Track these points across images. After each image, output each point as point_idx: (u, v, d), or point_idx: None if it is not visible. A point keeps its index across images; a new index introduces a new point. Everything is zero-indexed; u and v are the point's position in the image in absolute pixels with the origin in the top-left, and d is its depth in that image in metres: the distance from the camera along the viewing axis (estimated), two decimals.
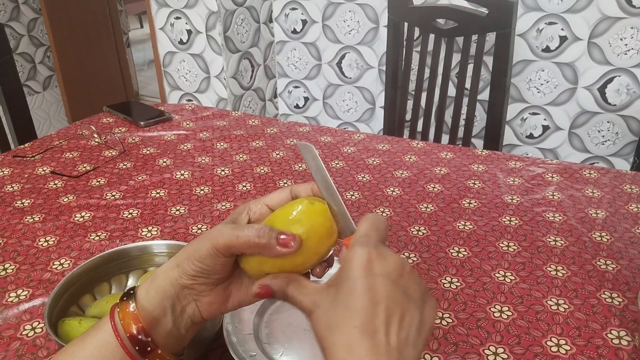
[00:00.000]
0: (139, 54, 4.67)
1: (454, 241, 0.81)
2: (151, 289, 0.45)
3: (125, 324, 0.43)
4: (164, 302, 0.44)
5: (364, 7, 2.13)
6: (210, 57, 2.14)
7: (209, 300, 0.45)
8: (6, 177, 1.01)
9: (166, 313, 0.44)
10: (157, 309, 0.44)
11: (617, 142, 1.95)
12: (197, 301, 0.45)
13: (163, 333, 0.44)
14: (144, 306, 0.44)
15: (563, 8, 1.82)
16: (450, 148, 1.12)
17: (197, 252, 0.43)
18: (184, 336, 0.46)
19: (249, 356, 0.59)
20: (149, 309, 0.44)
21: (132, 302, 0.44)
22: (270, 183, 0.99)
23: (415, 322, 0.39)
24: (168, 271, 0.45)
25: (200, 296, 0.45)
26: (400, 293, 0.38)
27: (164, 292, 0.44)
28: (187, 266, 0.44)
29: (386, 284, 0.38)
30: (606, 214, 0.88)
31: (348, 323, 0.37)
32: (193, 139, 1.18)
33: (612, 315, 0.66)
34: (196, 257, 0.43)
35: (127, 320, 0.43)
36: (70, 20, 2.90)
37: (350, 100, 2.34)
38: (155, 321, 0.44)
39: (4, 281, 0.73)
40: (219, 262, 0.43)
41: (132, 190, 0.97)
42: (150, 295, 0.44)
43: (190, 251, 0.44)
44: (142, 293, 0.45)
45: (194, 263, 0.43)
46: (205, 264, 0.43)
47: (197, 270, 0.44)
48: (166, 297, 0.44)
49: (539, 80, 1.96)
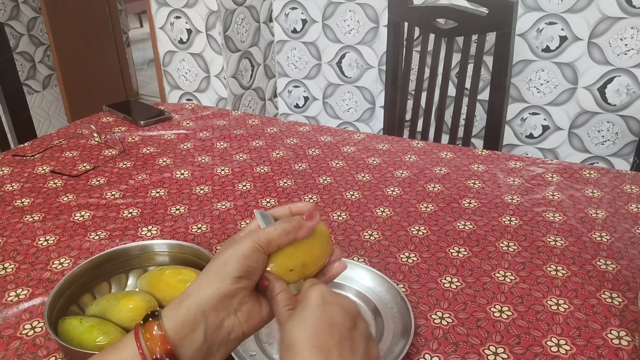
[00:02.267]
0: (138, 53, 4.67)
1: (454, 241, 0.81)
2: (181, 307, 0.44)
3: (151, 346, 0.42)
4: (197, 318, 0.43)
5: (364, 6, 2.13)
6: (210, 57, 2.14)
7: (248, 307, 0.46)
8: (6, 176, 1.01)
9: (196, 328, 0.43)
10: (187, 327, 0.43)
11: (617, 142, 1.95)
12: (238, 311, 0.45)
13: (189, 351, 0.43)
14: (171, 326, 0.43)
15: (563, 8, 1.82)
16: (450, 148, 1.12)
17: (240, 251, 0.45)
18: (215, 354, 0.45)
19: (249, 356, 0.59)
20: (176, 327, 0.43)
21: (157, 322, 0.43)
22: (270, 183, 0.99)
23: (363, 353, 0.43)
24: (202, 286, 0.44)
25: (242, 305, 0.45)
26: (352, 324, 0.44)
27: (198, 307, 0.43)
28: (230, 271, 0.44)
29: (341, 313, 0.43)
30: (606, 214, 0.88)
31: (306, 343, 0.41)
32: (193, 138, 1.18)
33: (612, 315, 0.66)
34: (239, 256, 0.45)
35: (154, 342, 0.42)
36: (70, 20, 2.90)
37: (350, 99, 2.34)
38: (183, 338, 0.43)
39: (4, 280, 0.73)
40: (260, 259, 0.46)
41: (132, 190, 0.97)
42: (180, 314, 0.43)
43: (231, 256, 0.45)
44: (170, 314, 0.44)
45: (239, 262, 0.45)
46: (250, 260, 0.45)
47: (242, 270, 0.45)
48: (200, 311, 0.43)
49: (539, 80, 1.96)
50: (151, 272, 0.68)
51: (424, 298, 0.69)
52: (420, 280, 0.73)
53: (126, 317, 0.61)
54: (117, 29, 3.27)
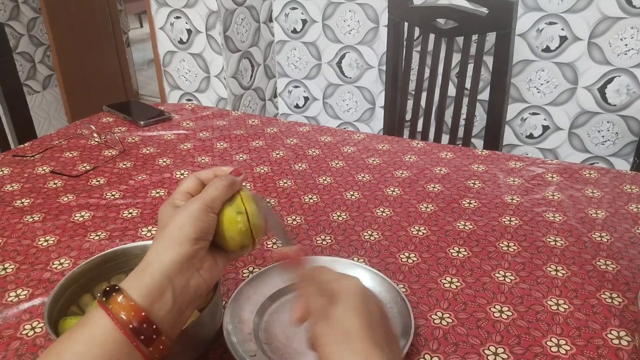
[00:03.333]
0: (138, 53, 4.67)
1: (454, 241, 0.81)
2: (145, 275, 0.45)
3: (125, 317, 0.43)
4: (163, 283, 0.45)
5: (364, 6, 2.13)
6: (210, 57, 2.14)
7: (209, 265, 0.49)
8: (6, 177, 1.01)
9: (164, 293, 0.45)
10: (154, 292, 0.45)
11: (617, 142, 1.95)
12: (201, 269, 0.48)
13: (160, 316, 0.45)
14: (139, 294, 0.44)
15: (563, 8, 1.82)
16: (450, 148, 1.12)
17: (192, 214, 0.48)
18: (184, 313, 0.47)
19: (249, 356, 0.59)
20: (144, 294, 0.44)
21: (121, 293, 0.44)
22: (270, 183, 0.99)
23: (395, 351, 0.47)
24: (162, 253, 0.47)
25: (202, 262, 0.49)
26: (388, 322, 0.48)
27: (162, 272, 0.45)
28: (187, 233, 0.47)
29: (379, 310, 0.47)
30: (606, 214, 0.88)
31: (366, 334, 0.43)
32: (193, 138, 1.18)
33: (612, 315, 0.66)
34: (193, 218, 0.48)
35: (127, 312, 0.43)
36: (70, 20, 2.90)
37: (350, 100, 2.34)
38: (153, 304, 0.44)
39: (4, 281, 0.73)
40: (211, 219, 0.49)
41: (132, 190, 0.97)
42: (145, 282, 0.45)
43: (184, 220, 0.48)
44: (133, 284, 0.45)
45: (194, 225, 0.47)
46: (202, 221, 0.48)
47: (199, 231, 0.48)
48: (165, 276, 0.45)
49: (539, 80, 1.96)
50: None
51: (424, 298, 0.69)
52: (420, 281, 0.73)
53: None
54: (117, 29, 3.27)
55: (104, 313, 0.43)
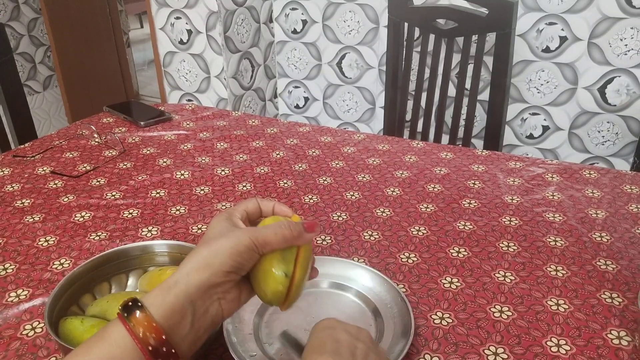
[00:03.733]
0: (139, 54, 4.67)
1: (454, 241, 0.81)
2: (169, 295, 0.44)
3: (144, 336, 0.42)
4: (185, 306, 0.44)
5: (364, 7, 2.13)
6: (210, 57, 2.14)
7: (232, 297, 0.47)
8: (6, 177, 1.01)
9: (185, 317, 0.44)
10: (176, 315, 0.43)
11: (617, 142, 1.95)
12: (222, 299, 0.46)
13: (178, 338, 0.44)
14: (161, 314, 0.43)
15: (563, 8, 1.82)
16: (450, 148, 1.12)
17: (235, 247, 0.46)
18: (200, 338, 0.46)
19: (249, 356, 0.59)
20: (166, 315, 0.43)
21: (144, 312, 0.43)
22: (270, 183, 0.99)
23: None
24: (191, 274, 0.45)
25: (227, 294, 0.47)
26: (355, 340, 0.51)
27: (187, 296, 0.44)
28: (221, 264, 0.45)
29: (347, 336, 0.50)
30: (606, 214, 0.88)
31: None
32: (193, 139, 1.18)
33: (612, 315, 0.66)
34: (234, 251, 0.45)
35: (147, 331, 0.42)
36: (70, 20, 2.90)
37: (350, 100, 2.35)
38: (172, 327, 0.43)
39: (4, 281, 0.73)
40: (253, 258, 0.47)
41: (132, 190, 0.97)
42: (169, 302, 0.43)
43: (225, 249, 0.45)
44: (157, 302, 0.44)
45: (232, 258, 0.45)
46: (243, 258, 0.46)
47: (234, 266, 0.46)
48: (188, 300, 0.44)
49: (539, 80, 1.96)
50: (151, 273, 0.68)
51: (424, 298, 0.69)
52: (420, 281, 0.73)
53: None
54: (118, 29, 3.27)
55: (124, 330, 0.42)
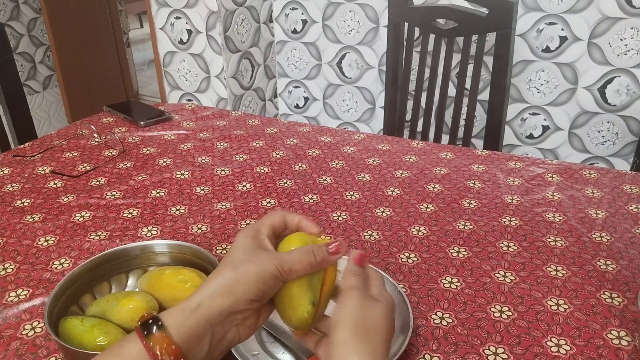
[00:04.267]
0: (139, 53, 4.67)
1: (454, 241, 0.81)
2: (190, 319, 0.43)
3: (163, 356, 0.41)
4: (205, 331, 0.43)
5: (364, 7, 2.13)
6: (210, 57, 2.14)
7: (250, 322, 0.46)
8: (6, 177, 1.01)
9: (203, 341, 0.44)
10: (195, 338, 0.43)
11: (617, 142, 1.95)
12: (241, 325, 0.46)
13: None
14: (180, 337, 0.43)
15: (563, 8, 1.82)
16: (450, 148, 1.12)
17: (260, 275, 0.44)
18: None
19: (252, 355, 0.59)
20: (185, 338, 0.43)
21: (164, 333, 0.42)
22: (270, 183, 0.99)
23: None
24: (215, 299, 0.44)
25: (246, 319, 0.46)
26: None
27: (208, 321, 0.44)
28: (245, 291, 0.44)
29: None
30: (606, 214, 0.88)
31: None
32: (193, 138, 1.18)
33: (612, 315, 0.66)
34: (259, 280, 0.45)
35: (166, 353, 0.42)
36: (70, 20, 2.90)
37: (350, 100, 2.34)
38: (190, 350, 0.43)
39: (4, 281, 0.73)
40: (277, 285, 0.46)
41: (132, 190, 0.97)
42: (189, 325, 0.43)
43: (251, 276, 0.44)
44: (177, 322, 0.43)
45: (257, 287, 0.44)
46: (268, 286, 0.45)
47: (258, 295, 0.45)
48: (209, 325, 0.44)
49: (539, 80, 1.96)
50: (151, 273, 0.68)
51: (424, 298, 0.69)
52: (420, 281, 0.73)
53: (126, 317, 0.61)
54: (118, 29, 3.27)
55: (142, 347, 0.42)
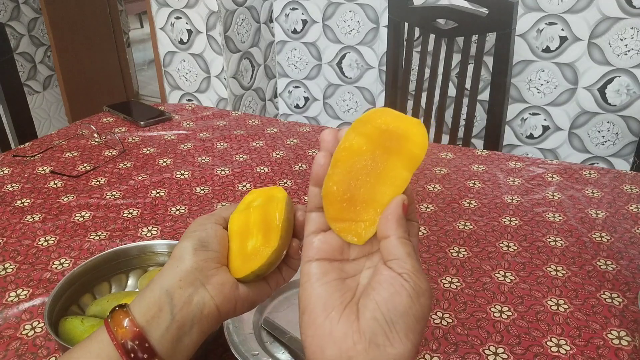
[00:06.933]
0: (139, 53, 4.67)
1: (454, 241, 0.81)
2: (146, 292, 0.44)
3: (121, 332, 0.41)
4: (161, 297, 0.43)
5: (364, 7, 2.13)
6: (210, 57, 2.14)
7: (219, 280, 0.45)
8: (6, 177, 1.01)
9: (162, 308, 0.43)
10: (152, 307, 0.43)
11: (617, 142, 1.95)
12: (207, 284, 0.44)
13: (158, 334, 0.42)
14: (138, 311, 0.43)
15: (563, 8, 1.82)
16: (450, 148, 1.12)
17: (192, 227, 0.47)
18: (187, 334, 0.43)
19: (252, 355, 0.59)
20: (142, 311, 0.43)
21: (123, 309, 0.43)
22: (270, 183, 0.99)
23: None
24: (164, 270, 0.45)
25: (209, 277, 0.44)
26: None
27: (161, 287, 0.43)
28: (183, 247, 0.45)
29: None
30: (606, 214, 0.88)
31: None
32: (193, 138, 1.18)
33: (612, 315, 0.66)
34: (189, 230, 0.47)
35: (123, 327, 0.42)
36: (70, 20, 2.90)
37: (351, 100, 2.35)
38: (150, 321, 0.42)
39: (4, 281, 0.73)
40: (211, 228, 0.47)
41: (132, 190, 0.97)
42: (145, 298, 0.43)
43: (185, 234, 0.47)
44: (136, 300, 0.44)
45: (192, 236, 0.46)
46: (200, 230, 0.46)
47: (195, 242, 0.46)
48: (163, 291, 0.43)
49: (539, 80, 1.96)
50: (151, 273, 0.68)
51: None
52: None
53: None
54: (118, 29, 3.27)
55: (104, 328, 0.43)
